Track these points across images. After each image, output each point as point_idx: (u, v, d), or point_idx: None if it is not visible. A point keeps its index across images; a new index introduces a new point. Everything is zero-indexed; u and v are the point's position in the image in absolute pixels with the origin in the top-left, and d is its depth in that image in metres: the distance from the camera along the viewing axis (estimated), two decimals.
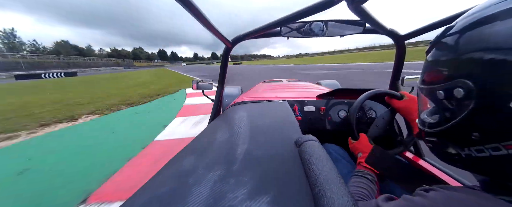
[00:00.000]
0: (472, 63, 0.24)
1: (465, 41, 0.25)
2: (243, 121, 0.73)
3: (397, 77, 1.07)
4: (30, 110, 5.20)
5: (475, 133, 0.25)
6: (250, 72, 17.19)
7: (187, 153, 0.54)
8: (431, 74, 0.31)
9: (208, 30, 0.72)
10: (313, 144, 0.45)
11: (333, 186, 0.32)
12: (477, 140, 0.25)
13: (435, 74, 0.30)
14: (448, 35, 0.28)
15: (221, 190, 0.35)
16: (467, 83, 0.24)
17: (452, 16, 0.67)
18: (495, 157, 0.24)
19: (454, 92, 0.26)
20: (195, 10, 0.56)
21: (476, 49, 0.23)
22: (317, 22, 0.89)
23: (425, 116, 0.35)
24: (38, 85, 15.41)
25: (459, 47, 0.26)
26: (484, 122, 0.24)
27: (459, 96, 0.25)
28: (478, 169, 0.28)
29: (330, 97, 1.19)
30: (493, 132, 0.24)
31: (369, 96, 0.83)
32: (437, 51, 0.30)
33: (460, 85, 0.25)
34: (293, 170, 0.41)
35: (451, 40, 0.28)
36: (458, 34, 0.27)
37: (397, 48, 0.98)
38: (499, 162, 0.24)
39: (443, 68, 0.28)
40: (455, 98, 0.26)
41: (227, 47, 0.99)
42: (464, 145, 0.27)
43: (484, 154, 0.25)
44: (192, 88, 1.43)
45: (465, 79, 0.24)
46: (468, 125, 0.26)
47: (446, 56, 0.28)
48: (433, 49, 0.31)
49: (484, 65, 0.23)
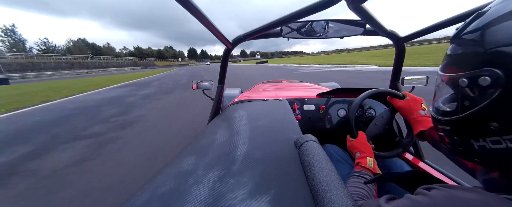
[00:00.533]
0: (503, 55, 0.24)
1: (496, 33, 0.25)
2: (243, 120, 0.73)
3: (397, 77, 1.08)
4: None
5: (494, 123, 0.25)
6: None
7: (187, 153, 0.54)
8: (456, 61, 0.31)
9: (209, 30, 0.72)
10: (313, 145, 0.45)
11: (332, 187, 0.32)
12: (494, 131, 0.25)
13: (460, 62, 0.30)
14: (479, 24, 0.28)
15: (221, 190, 0.35)
16: (496, 72, 0.24)
17: (451, 19, 0.67)
18: (510, 149, 0.24)
19: (479, 80, 0.26)
20: (195, 10, 0.56)
21: (508, 42, 0.23)
22: (318, 22, 0.89)
23: (441, 104, 0.34)
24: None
25: (490, 38, 0.26)
26: (506, 111, 0.24)
27: (484, 84, 0.25)
28: (489, 162, 0.28)
29: (330, 96, 1.19)
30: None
31: (369, 94, 0.83)
32: (464, 40, 0.30)
33: (487, 73, 0.25)
34: (292, 171, 0.40)
35: (482, 30, 0.27)
36: (490, 24, 0.26)
37: (396, 49, 0.99)
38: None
39: (470, 56, 0.28)
40: (479, 86, 0.26)
41: (228, 47, 1.00)
42: (479, 136, 0.27)
43: (500, 145, 0.25)
44: (192, 88, 1.44)
45: (494, 68, 0.24)
46: (488, 115, 0.26)
47: (475, 46, 0.28)
48: (460, 36, 0.31)
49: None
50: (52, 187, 1.83)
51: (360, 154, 0.67)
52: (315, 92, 1.26)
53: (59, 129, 3.60)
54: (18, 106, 5.97)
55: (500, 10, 0.26)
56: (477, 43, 0.27)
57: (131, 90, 9.01)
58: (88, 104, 6.11)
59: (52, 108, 5.70)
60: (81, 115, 4.58)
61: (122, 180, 1.87)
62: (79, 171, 2.10)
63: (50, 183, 1.90)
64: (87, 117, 4.37)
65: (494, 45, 0.25)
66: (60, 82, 16.48)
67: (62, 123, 4.03)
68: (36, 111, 5.34)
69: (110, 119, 4.09)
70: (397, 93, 0.80)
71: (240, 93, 2.46)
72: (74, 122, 4.06)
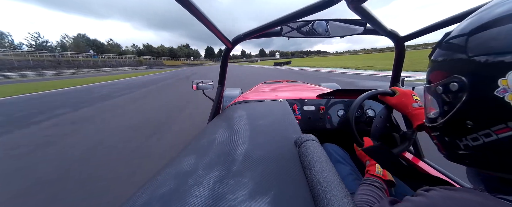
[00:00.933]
0: (463, 62, 0.29)
1: (458, 45, 0.31)
2: (243, 120, 0.73)
3: (397, 78, 1.08)
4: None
5: (469, 122, 0.29)
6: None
7: (187, 153, 0.54)
8: (433, 73, 0.36)
9: (209, 30, 0.72)
10: (313, 145, 0.45)
11: (332, 188, 0.32)
12: (471, 128, 0.29)
13: (436, 73, 0.35)
14: (446, 40, 0.34)
15: (220, 190, 0.35)
16: (460, 78, 0.29)
17: (451, 18, 0.67)
18: (488, 145, 0.28)
19: (450, 86, 0.31)
20: (195, 10, 0.56)
21: (465, 51, 0.29)
22: (318, 22, 0.88)
23: (430, 114, 0.39)
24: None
25: (453, 49, 0.32)
26: (475, 110, 0.28)
27: (454, 89, 0.30)
28: (476, 160, 0.31)
29: (330, 97, 1.19)
30: (483, 118, 0.28)
31: (367, 97, 0.83)
32: (437, 54, 0.36)
33: (455, 80, 0.30)
34: (292, 171, 0.40)
35: (448, 44, 0.33)
36: (454, 39, 0.32)
37: (396, 49, 0.99)
38: (493, 149, 0.28)
39: (441, 67, 0.34)
40: (451, 91, 0.31)
41: (228, 47, 0.99)
42: (461, 135, 0.32)
43: (478, 142, 0.29)
44: (192, 88, 1.43)
45: (459, 75, 0.29)
46: (463, 115, 0.30)
47: (444, 57, 0.34)
48: (434, 52, 0.37)
49: (473, 64, 0.28)
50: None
51: (370, 162, 0.67)
52: (315, 93, 1.26)
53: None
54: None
55: (459, 30, 0.32)
56: (445, 55, 0.34)
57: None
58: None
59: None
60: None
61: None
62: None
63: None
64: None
65: (455, 55, 0.31)
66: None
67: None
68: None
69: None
70: (386, 91, 0.79)
71: (240, 93, 2.47)
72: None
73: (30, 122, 3.97)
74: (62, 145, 2.74)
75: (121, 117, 4.16)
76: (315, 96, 1.22)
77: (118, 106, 5.35)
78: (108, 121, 3.92)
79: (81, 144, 2.76)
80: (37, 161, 2.31)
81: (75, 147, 2.64)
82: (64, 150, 2.57)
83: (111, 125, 3.63)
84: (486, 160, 0.29)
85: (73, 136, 3.11)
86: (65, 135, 3.16)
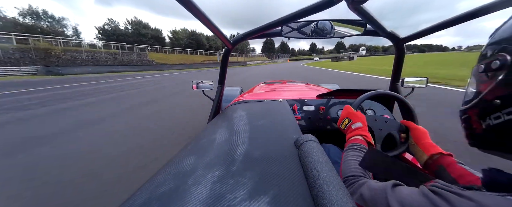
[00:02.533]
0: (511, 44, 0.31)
1: (506, 32, 0.33)
2: (243, 120, 0.73)
3: (397, 79, 1.08)
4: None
5: (497, 101, 0.31)
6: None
7: (187, 153, 0.53)
8: (481, 55, 0.38)
9: (210, 30, 0.72)
10: (313, 145, 0.45)
11: (332, 188, 0.32)
12: (497, 107, 0.32)
13: (483, 55, 0.37)
14: (498, 28, 0.36)
15: (220, 190, 0.35)
16: (504, 56, 0.31)
17: (451, 20, 0.67)
18: (507, 123, 0.30)
19: (491, 65, 0.33)
20: (195, 10, 0.56)
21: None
22: (318, 22, 0.89)
23: (467, 95, 0.41)
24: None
25: (504, 33, 0.33)
26: (507, 89, 0.30)
27: (494, 67, 0.32)
28: (493, 142, 0.33)
29: (330, 97, 1.19)
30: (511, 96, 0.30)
31: (369, 96, 0.82)
32: (489, 40, 0.37)
33: (499, 58, 0.32)
34: (292, 171, 0.41)
35: (503, 27, 0.35)
36: (502, 27, 0.34)
37: (396, 50, 0.99)
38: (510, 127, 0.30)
39: (487, 49, 0.36)
40: (491, 70, 0.33)
41: (228, 47, 0.99)
42: (486, 115, 0.34)
43: (499, 120, 0.31)
44: (192, 88, 1.43)
45: (505, 53, 0.31)
46: (494, 94, 0.32)
47: (493, 39, 0.35)
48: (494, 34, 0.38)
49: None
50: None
51: (362, 125, 0.68)
52: (315, 93, 1.26)
53: None
54: None
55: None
56: (494, 38, 0.35)
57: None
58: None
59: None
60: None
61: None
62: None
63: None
64: None
65: (503, 38, 0.32)
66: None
67: None
68: None
69: None
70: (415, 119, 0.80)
71: (241, 92, 2.46)
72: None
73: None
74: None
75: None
76: (315, 96, 1.22)
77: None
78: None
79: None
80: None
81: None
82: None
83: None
84: (502, 141, 0.32)
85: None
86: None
